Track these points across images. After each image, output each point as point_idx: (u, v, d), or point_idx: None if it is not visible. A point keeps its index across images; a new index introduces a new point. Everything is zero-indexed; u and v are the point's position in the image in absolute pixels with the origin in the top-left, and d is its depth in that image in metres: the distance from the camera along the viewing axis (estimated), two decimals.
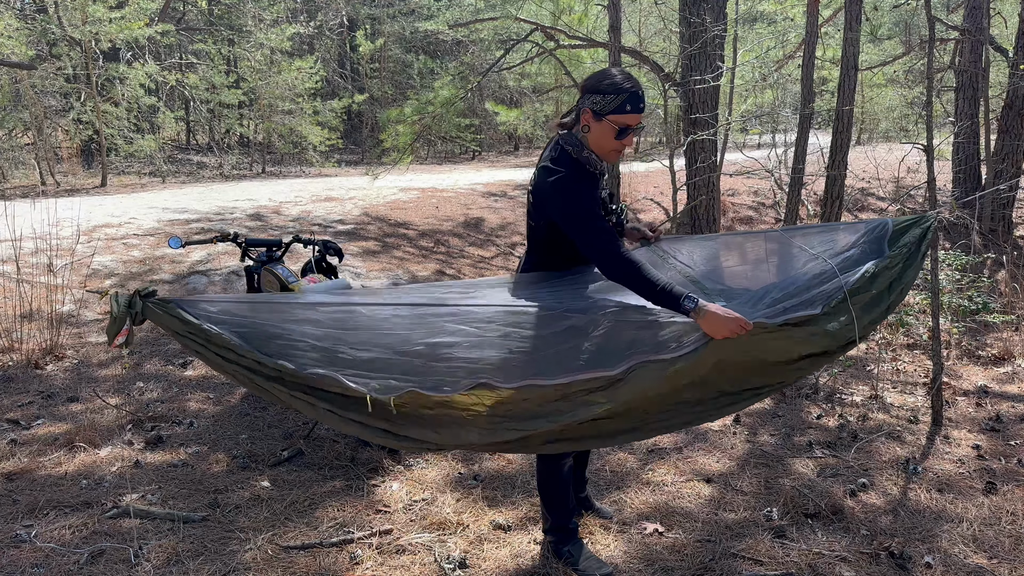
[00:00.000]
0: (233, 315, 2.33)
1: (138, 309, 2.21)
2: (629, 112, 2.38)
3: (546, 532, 2.84)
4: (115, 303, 2.20)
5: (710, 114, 7.17)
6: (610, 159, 2.49)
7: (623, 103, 2.37)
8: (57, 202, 8.34)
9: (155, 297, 2.25)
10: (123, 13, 12.40)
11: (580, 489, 3.14)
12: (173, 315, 2.24)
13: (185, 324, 2.25)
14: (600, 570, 2.71)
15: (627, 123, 2.39)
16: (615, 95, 2.36)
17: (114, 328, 2.21)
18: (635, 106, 2.37)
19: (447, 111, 8.63)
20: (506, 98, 19.19)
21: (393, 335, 2.37)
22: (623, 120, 2.39)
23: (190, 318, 2.26)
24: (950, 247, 7.20)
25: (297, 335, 2.35)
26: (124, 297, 2.21)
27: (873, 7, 9.32)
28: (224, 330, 2.26)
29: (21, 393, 4.48)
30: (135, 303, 2.21)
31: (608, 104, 2.37)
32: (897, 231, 2.51)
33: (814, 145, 6.82)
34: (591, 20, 12.47)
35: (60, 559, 2.77)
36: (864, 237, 2.53)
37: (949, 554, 2.85)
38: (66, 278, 6.06)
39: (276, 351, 2.31)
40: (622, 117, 2.38)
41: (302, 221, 8.83)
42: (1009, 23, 11.78)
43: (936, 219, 2.62)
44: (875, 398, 4.56)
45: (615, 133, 2.41)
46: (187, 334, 2.26)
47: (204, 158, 17.50)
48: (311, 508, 3.21)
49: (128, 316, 2.21)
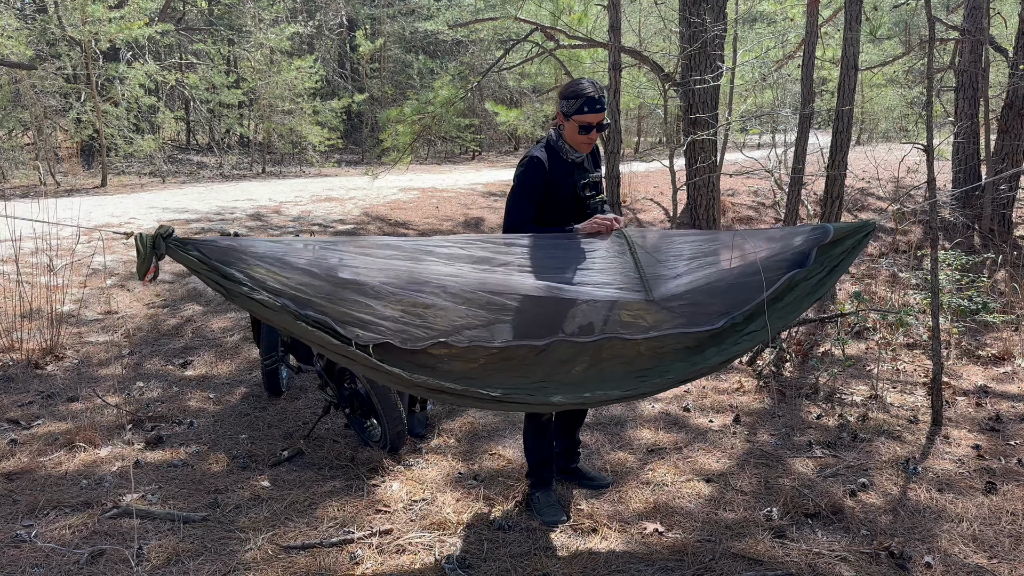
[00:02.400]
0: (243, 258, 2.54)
1: (161, 250, 2.44)
2: (587, 112, 2.89)
3: (525, 477, 3.29)
4: (140, 243, 2.43)
5: (710, 114, 7.17)
6: (583, 150, 3.00)
7: (582, 106, 2.89)
8: (57, 202, 8.33)
9: (174, 237, 2.48)
10: (123, 13, 12.40)
11: (571, 460, 3.45)
12: (191, 255, 2.48)
13: (201, 263, 2.50)
14: (554, 516, 3.10)
15: (588, 121, 2.90)
16: (575, 99, 2.90)
17: (143, 266, 2.45)
18: (592, 107, 2.88)
19: (447, 111, 8.63)
20: (506, 98, 19.19)
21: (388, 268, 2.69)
22: (584, 119, 2.90)
23: (204, 258, 2.50)
24: (950, 247, 7.21)
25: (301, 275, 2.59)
26: (148, 238, 2.44)
27: (873, 7, 9.32)
28: (235, 270, 2.51)
29: (21, 393, 4.48)
30: (159, 244, 2.44)
31: (571, 107, 2.91)
32: (834, 240, 2.89)
33: (814, 145, 6.82)
34: (591, 20, 12.47)
35: (60, 559, 2.77)
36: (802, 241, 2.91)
37: (949, 554, 2.85)
38: (66, 278, 6.06)
39: (280, 290, 2.55)
40: (583, 117, 2.90)
41: (302, 221, 8.83)
42: (1009, 23, 11.77)
43: (875, 228, 2.93)
44: (875, 398, 4.56)
45: (578, 130, 2.93)
46: (203, 270, 2.50)
47: (204, 158, 17.50)
48: (311, 508, 3.21)
49: (153, 255, 2.44)
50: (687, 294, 2.87)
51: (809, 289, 2.83)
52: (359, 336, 2.58)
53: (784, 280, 2.84)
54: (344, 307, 2.59)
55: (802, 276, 2.82)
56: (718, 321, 2.85)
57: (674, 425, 4.18)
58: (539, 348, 2.77)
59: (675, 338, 2.84)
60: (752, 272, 2.86)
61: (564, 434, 3.42)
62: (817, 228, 2.96)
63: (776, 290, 2.83)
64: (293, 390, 4.66)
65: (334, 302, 2.59)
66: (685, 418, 4.28)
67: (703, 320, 2.86)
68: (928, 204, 4.25)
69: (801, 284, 2.82)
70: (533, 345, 2.77)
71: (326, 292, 2.58)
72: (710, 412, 4.38)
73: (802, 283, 2.82)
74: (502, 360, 2.75)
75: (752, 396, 4.63)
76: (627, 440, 3.98)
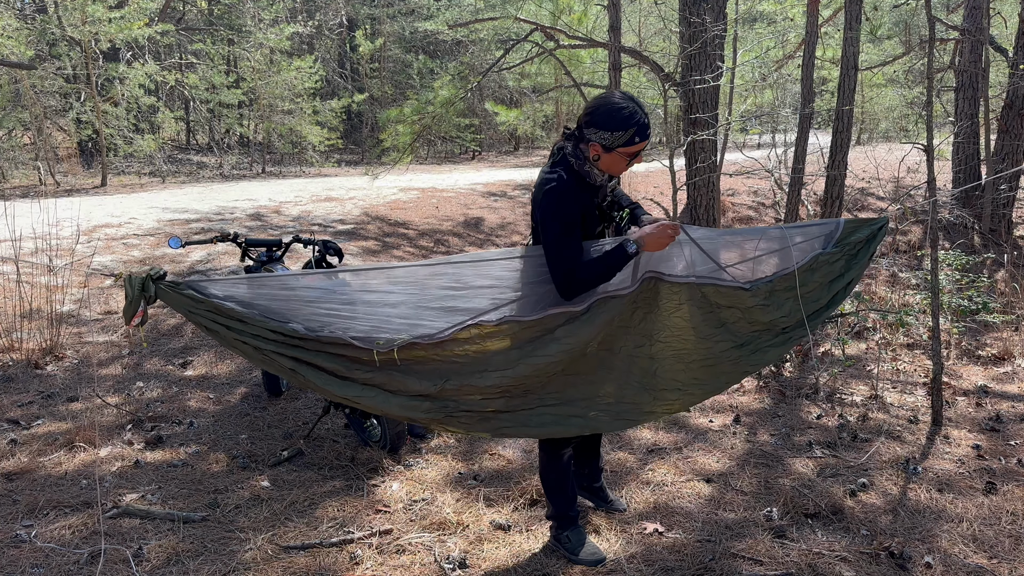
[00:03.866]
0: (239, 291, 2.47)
1: (151, 293, 2.32)
2: (639, 143, 2.44)
3: (548, 518, 2.92)
4: (129, 286, 2.31)
5: (710, 114, 7.17)
6: (616, 172, 2.57)
7: (632, 136, 2.41)
8: (57, 202, 8.34)
9: (166, 280, 2.36)
10: (123, 13, 12.40)
11: (595, 479, 3.22)
12: (183, 295, 2.37)
13: (195, 302, 2.38)
14: (593, 556, 2.80)
15: (638, 151, 2.47)
16: (624, 131, 2.40)
17: (130, 309, 2.33)
18: (643, 135, 2.43)
19: (447, 111, 8.62)
20: (506, 98, 19.21)
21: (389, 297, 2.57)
22: (634, 150, 2.46)
23: (199, 295, 2.39)
24: (950, 247, 7.21)
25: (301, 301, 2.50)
26: (138, 280, 2.31)
27: (873, 7, 9.32)
28: (233, 304, 2.40)
29: (21, 393, 4.48)
30: (148, 286, 2.32)
31: (618, 140, 2.41)
32: (846, 231, 2.78)
33: (814, 145, 6.82)
34: (591, 20, 12.47)
35: (60, 559, 2.77)
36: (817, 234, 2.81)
37: (949, 554, 2.85)
38: (66, 278, 6.06)
39: (283, 317, 2.45)
40: (633, 148, 2.45)
41: (302, 221, 8.83)
42: (1009, 23, 11.78)
43: (888, 221, 2.86)
44: (875, 398, 4.56)
45: (626, 161, 2.49)
46: (197, 312, 2.39)
47: (204, 158, 17.50)
48: (311, 508, 3.21)
49: (142, 298, 2.32)
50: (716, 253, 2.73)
51: (833, 274, 2.76)
52: (379, 344, 2.45)
53: (809, 259, 2.73)
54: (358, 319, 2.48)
55: (825, 259, 2.74)
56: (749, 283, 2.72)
57: (674, 425, 4.18)
58: (578, 313, 2.51)
59: (713, 289, 2.70)
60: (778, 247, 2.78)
61: (588, 452, 3.19)
62: (830, 222, 2.88)
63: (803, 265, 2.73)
64: (293, 390, 4.66)
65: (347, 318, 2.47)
66: (685, 418, 4.28)
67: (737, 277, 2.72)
68: (928, 204, 4.25)
69: (824, 267, 2.75)
70: (572, 311, 2.51)
71: (337, 311, 2.47)
72: (710, 412, 4.38)
73: (825, 266, 2.74)
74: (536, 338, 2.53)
75: (752, 396, 4.63)
76: (627, 440, 3.98)
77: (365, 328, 2.48)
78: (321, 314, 2.47)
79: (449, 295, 2.53)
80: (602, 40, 8.43)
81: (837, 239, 2.77)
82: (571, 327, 2.52)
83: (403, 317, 2.50)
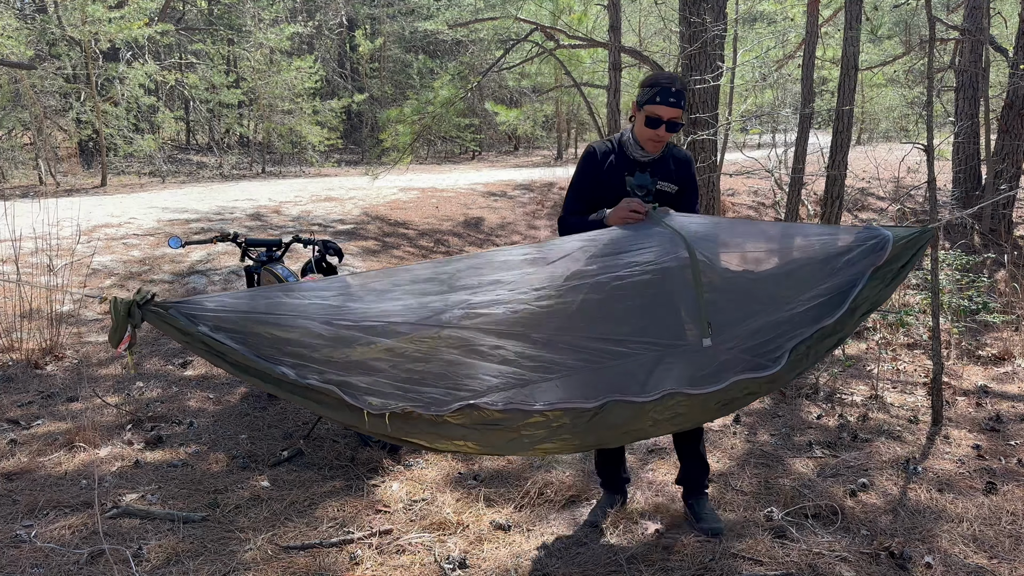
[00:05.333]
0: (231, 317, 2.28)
1: (137, 320, 2.20)
2: (658, 103, 2.65)
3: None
4: (114, 311, 2.18)
5: (710, 114, 7.17)
6: (648, 148, 2.76)
7: (654, 95, 2.65)
8: (57, 202, 8.33)
9: (153, 303, 2.22)
10: (123, 13, 12.40)
11: (689, 489, 3.18)
12: (170, 322, 2.22)
13: (184, 332, 2.23)
14: (592, 516, 3.12)
15: (656, 113, 2.66)
16: (650, 88, 2.68)
17: (116, 335, 2.20)
18: (664, 99, 2.64)
19: (447, 111, 8.63)
20: (506, 98, 19.19)
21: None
22: (653, 110, 2.66)
23: (188, 327, 2.22)
24: (950, 247, 7.21)
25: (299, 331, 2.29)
26: (123, 304, 2.19)
27: (873, 7, 9.32)
28: (222, 337, 2.23)
29: (21, 393, 4.48)
30: (134, 313, 2.18)
31: (644, 96, 2.70)
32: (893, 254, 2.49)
33: (814, 145, 6.82)
34: (591, 20, 12.47)
35: (60, 559, 2.77)
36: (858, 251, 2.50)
37: (949, 554, 2.85)
38: (66, 278, 6.06)
39: (276, 355, 2.26)
40: (653, 108, 2.66)
41: (302, 221, 8.83)
42: (1009, 23, 11.78)
43: (935, 231, 2.67)
44: (875, 398, 4.56)
45: (646, 121, 2.69)
46: (187, 340, 2.25)
47: (204, 158, 17.50)
48: (311, 508, 3.21)
49: (128, 323, 2.20)
50: (748, 321, 2.45)
51: (868, 306, 2.52)
52: (372, 405, 2.25)
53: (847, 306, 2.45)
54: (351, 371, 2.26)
55: (864, 296, 2.47)
56: (781, 361, 2.44)
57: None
58: (590, 412, 2.33)
59: (741, 385, 2.43)
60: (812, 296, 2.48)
61: (678, 451, 3.14)
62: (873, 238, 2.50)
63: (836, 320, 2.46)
64: None
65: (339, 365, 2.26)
66: None
67: (766, 358, 2.44)
68: (928, 204, 4.25)
69: (863, 305, 2.49)
70: (583, 408, 2.32)
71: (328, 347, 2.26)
72: None
73: (864, 304, 2.48)
74: (545, 427, 2.35)
75: None
76: None
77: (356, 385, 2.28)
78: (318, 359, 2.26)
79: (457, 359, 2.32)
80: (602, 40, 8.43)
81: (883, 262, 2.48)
82: (584, 424, 2.34)
83: (398, 380, 2.29)
